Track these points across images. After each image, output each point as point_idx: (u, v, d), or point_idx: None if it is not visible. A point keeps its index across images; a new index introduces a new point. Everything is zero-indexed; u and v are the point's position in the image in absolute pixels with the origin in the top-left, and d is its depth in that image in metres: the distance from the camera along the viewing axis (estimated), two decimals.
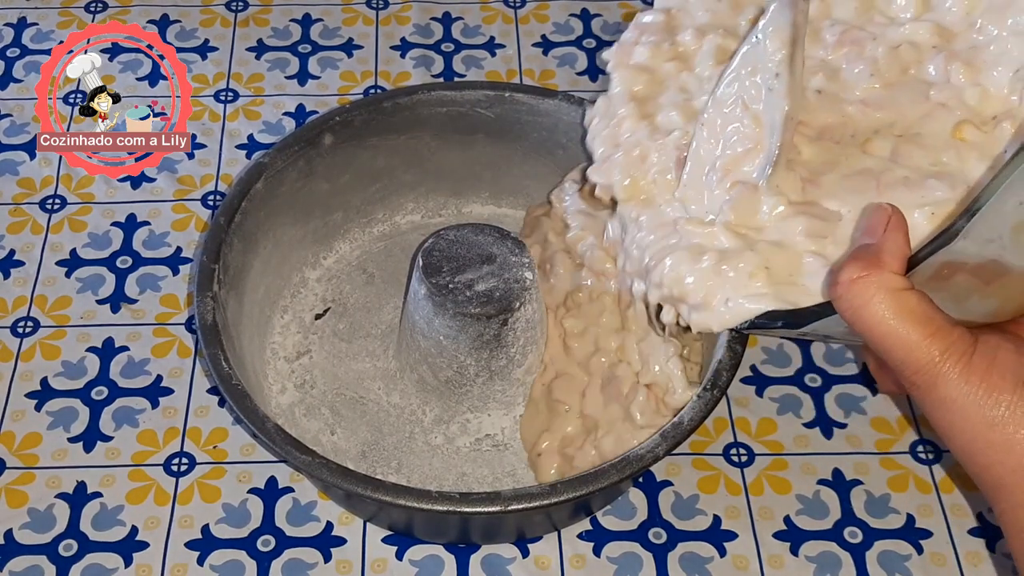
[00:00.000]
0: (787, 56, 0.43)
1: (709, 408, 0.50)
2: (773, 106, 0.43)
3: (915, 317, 0.37)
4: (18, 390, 0.59)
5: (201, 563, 0.53)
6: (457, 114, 0.62)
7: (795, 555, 0.54)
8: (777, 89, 0.43)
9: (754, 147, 0.45)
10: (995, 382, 0.36)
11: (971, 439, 0.37)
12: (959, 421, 0.37)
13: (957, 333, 0.37)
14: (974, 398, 0.36)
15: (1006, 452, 0.36)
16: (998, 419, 0.36)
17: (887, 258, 0.37)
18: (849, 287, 0.37)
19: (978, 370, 0.36)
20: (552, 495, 0.47)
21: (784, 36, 0.43)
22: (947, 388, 0.37)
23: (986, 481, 0.38)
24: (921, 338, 0.37)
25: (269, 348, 0.60)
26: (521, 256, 0.54)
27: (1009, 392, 0.36)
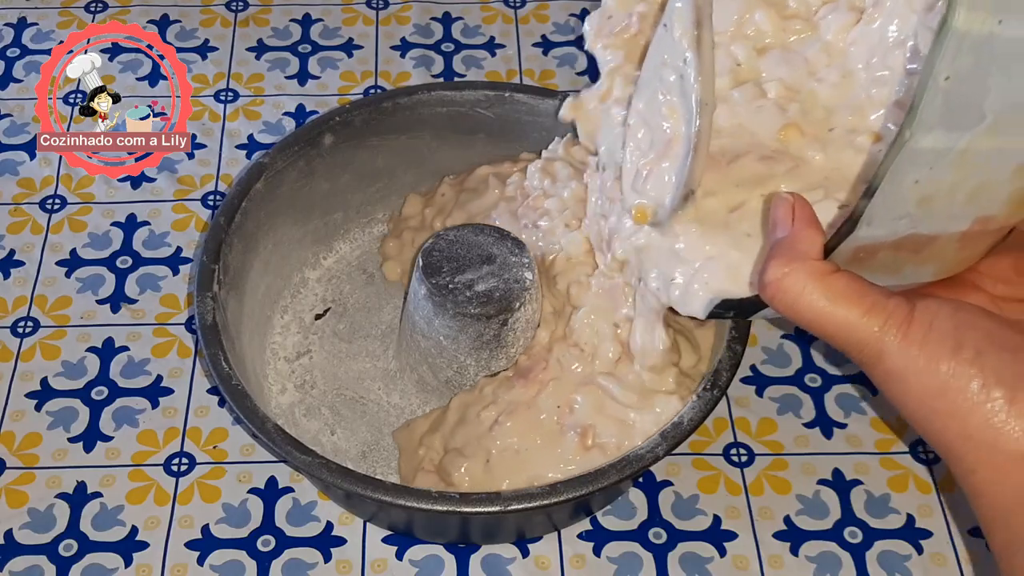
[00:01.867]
0: (694, 39, 0.42)
1: (709, 408, 0.50)
2: (686, 92, 0.43)
3: (848, 297, 0.37)
4: (18, 390, 0.59)
5: (201, 563, 0.53)
6: (457, 114, 0.62)
7: (795, 555, 0.54)
8: (688, 74, 0.42)
9: (676, 137, 0.45)
10: (934, 349, 0.36)
11: (917, 408, 0.37)
12: (904, 392, 0.37)
13: (893, 304, 0.37)
14: (915, 367, 0.36)
15: (950, 418, 0.36)
16: (939, 387, 0.36)
17: (804, 247, 0.37)
18: (777, 286, 0.37)
19: (916, 339, 0.36)
20: (552, 495, 0.47)
21: (688, 19, 0.42)
22: (890, 360, 0.37)
23: (939, 448, 0.38)
24: (858, 316, 0.37)
25: (269, 348, 0.60)
26: (521, 256, 0.54)
27: (947, 359, 0.36)
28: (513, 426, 0.52)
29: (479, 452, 0.52)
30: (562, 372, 0.53)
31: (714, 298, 0.43)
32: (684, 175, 0.43)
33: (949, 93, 0.32)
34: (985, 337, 0.36)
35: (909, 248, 0.38)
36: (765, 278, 0.38)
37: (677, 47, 0.43)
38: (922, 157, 0.34)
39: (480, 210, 0.60)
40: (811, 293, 0.37)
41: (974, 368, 0.36)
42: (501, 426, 0.52)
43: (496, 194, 0.60)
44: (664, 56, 0.44)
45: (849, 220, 0.36)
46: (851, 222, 0.36)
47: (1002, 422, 0.36)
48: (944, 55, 0.32)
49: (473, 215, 0.60)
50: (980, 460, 0.36)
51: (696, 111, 0.42)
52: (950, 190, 0.36)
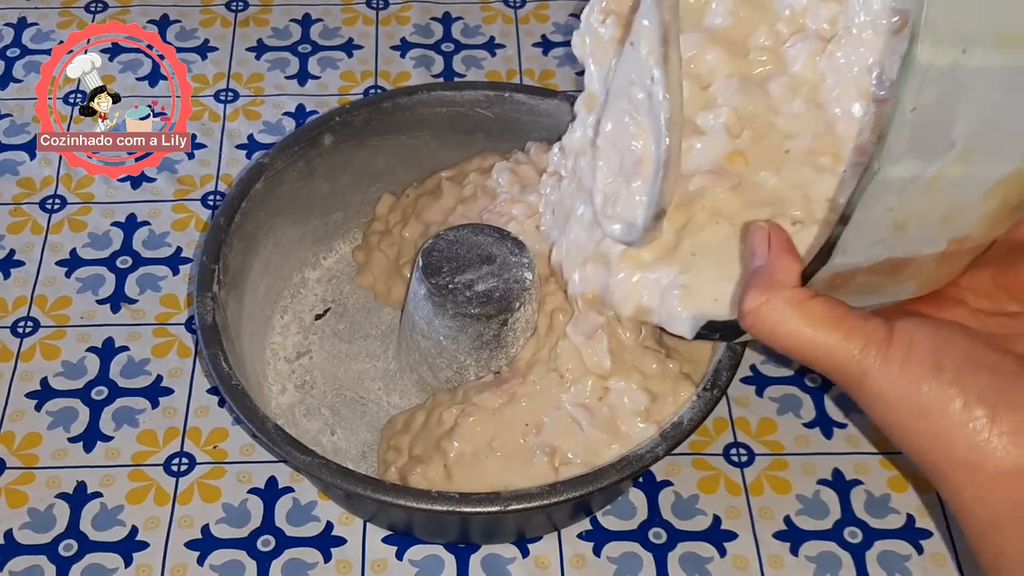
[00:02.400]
0: (661, 56, 0.42)
1: (709, 408, 0.50)
2: (654, 111, 0.43)
3: (827, 322, 0.37)
4: (18, 390, 0.59)
5: (201, 563, 0.53)
6: (457, 114, 0.62)
7: (795, 555, 0.54)
8: (656, 92, 0.42)
9: (645, 157, 0.44)
10: (914, 369, 0.36)
11: (902, 430, 0.37)
12: (887, 413, 0.37)
13: (872, 326, 0.37)
14: (896, 389, 0.36)
15: (934, 439, 0.36)
16: (922, 408, 0.36)
17: (780, 276, 0.38)
18: (756, 315, 0.38)
19: (896, 360, 0.36)
20: (552, 495, 0.47)
21: (655, 37, 0.42)
22: (871, 382, 0.37)
23: (925, 468, 0.38)
24: (838, 340, 0.37)
25: (269, 348, 0.60)
26: (521, 256, 0.54)
27: (928, 379, 0.36)
28: (469, 430, 0.52)
29: (436, 456, 0.52)
30: (537, 392, 0.52)
31: (696, 319, 0.44)
32: (655, 195, 0.43)
33: (916, 124, 0.32)
34: (964, 356, 0.36)
35: (886, 271, 0.38)
36: (743, 308, 0.38)
37: (644, 65, 0.43)
38: (892, 185, 0.34)
39: (435, 218, 0.60)
40: (789, 320, 0.37)
41: (954, 388, 0.36)
42: (459, 427, 0.52)
43: (452, 198, 0.60)
44: (631, 75, 0.44)
45: (824, 249, 0.36)
46: (826, 251, 0.36)
47: (985, 441, 0.35)
48: (909, 87, 0.32)
49: (429, 223, 0.60)
50: (966, 480, 0.36)
51: (665, 129, 0.42)
52: (923, 215, 0.36)
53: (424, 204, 0.61)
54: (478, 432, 0.52)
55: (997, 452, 0.35)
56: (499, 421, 0.52)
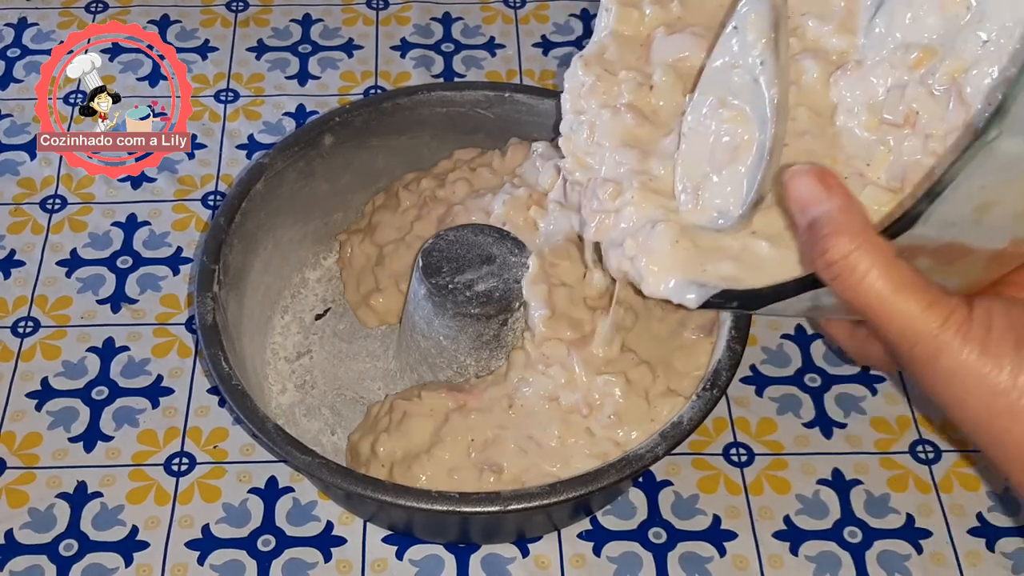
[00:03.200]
0: (771, 41, 0.41)
1: (709, 408, 0.50)
2: (760, 97, 0.42)
3: (912, 288, 0.35)
4: (18, 390, 0.59)
5: (201, 563, 0.53)
6: (457, 114, 0.62)
7: (795, 555, 0.54)
8: (763, 78, 0.42)
9: (743, 143, 0.44)
10: (995, 348, 0.35)
11: (977, 410, 0.36)
12: (962, 392, 0.36)
13: (955, 302, 0.36)
14: (975, 367, 0.35)
15: (1011, 420, 0.35)
16: (1001, 386, 0.35)
17: (861, 219, 0.35)
18: (845, 263, 0.35)
19: (977, 338, 0.36)
20: (552, 495, 0.47)
21: (765, 21, 0.41)
22: (949, 359, 0.36)
23: (996, 453, 0.37)
24: (920, 309, 0.35)
25: (269, 348, 0.60)
26: (521, 256, 0.54)
27: (1010, 357, 0.35)
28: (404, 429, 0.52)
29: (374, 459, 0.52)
30: (491, 414, 0.52)
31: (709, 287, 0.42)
32: (756, 181, 0.42)
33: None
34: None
35: (942, 257, 0.37)
36: (831, 255, 0.35)
37: (748, 50, 0.42)
38: (999, 160, 0.33)
39: (390, 236, 0.60)
40: (876, 279, 0.35)
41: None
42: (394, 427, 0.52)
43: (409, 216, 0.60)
44: (731, 59, 0.43)
45: (908, 215, 0.34)
46: (910, 217, 0.34)
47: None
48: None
49: (383, 243, 0.60)
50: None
51: (772, 116, 0.41)
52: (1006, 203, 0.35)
53: (380, 219, 0.62)
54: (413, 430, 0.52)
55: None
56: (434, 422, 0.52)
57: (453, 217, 0.58)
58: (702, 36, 0.50)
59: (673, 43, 0.50)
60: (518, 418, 0.52)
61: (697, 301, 0.43)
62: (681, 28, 0.51)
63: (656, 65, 0.50)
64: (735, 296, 0.42)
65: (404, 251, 0.59)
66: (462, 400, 0.53)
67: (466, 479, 0.51)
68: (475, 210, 0.58)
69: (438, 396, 0.53)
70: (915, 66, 0.42)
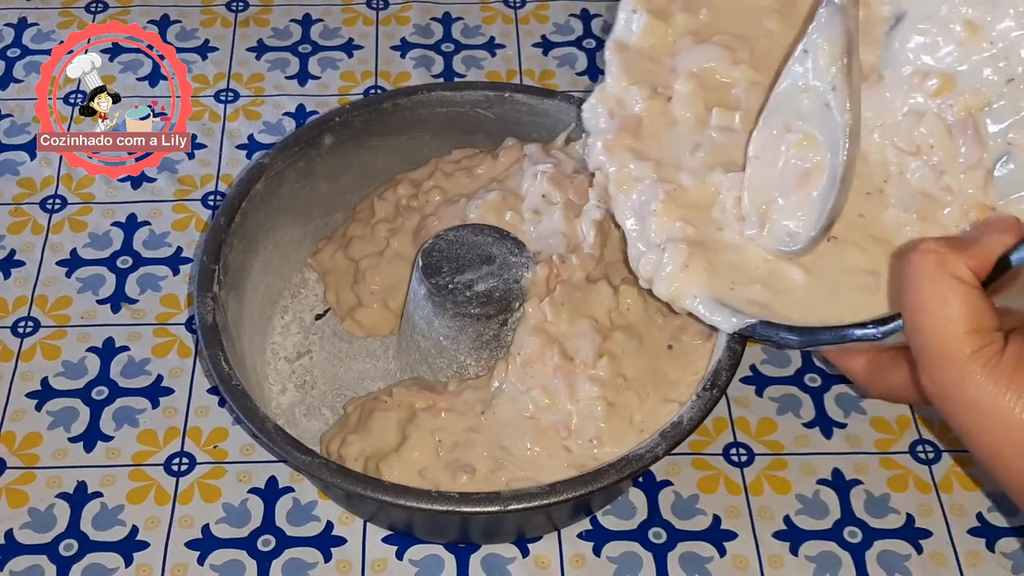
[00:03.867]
0: (844, 67, 0.42)
1: (709, 408, 0.50)
2: (831, 122, 0.42)
3: (964, 312, 0.36)
4: (18, 390, 0.59)
5: (201, 563, 0.53)
6: (457, 114, 0.62)
7: (795, 555, 0.54)
8: (835, 104, 0.42)
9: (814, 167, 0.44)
10: (1021, 385, 0.36)
11: (999, 443, 0.36)
12: (985, 423, 0.36)
13: (994, 336, 0.36)
14: (1001, 400, 0.36)
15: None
16: (1022, 423, 0.35)
17: (972, 250, 0.37)
18: (922, 256, 0.37)
19: (1005, 372, 0.36)
20: (552, 495, 0.47)
21: (838, 47, 0.42)
22: (974, 389, 0.36)
23: (1017, 487, 0.37)
24: (961, 333, 0.36)
25: (269, 348, 0.60)
26: (521, 256, 0.54)
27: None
28: (370, 427, 0.53)
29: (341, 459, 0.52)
30: (463, 417, 0.53)
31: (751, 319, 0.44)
32: (828, 205, 0.43)
33: None
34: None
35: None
36: (924, 244, 0.37)
37: (820, 75, 0.42)
38: None
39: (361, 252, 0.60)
40: (939, 283, 0.36)
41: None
42: (360, 425, 0.53)
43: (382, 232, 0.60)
44: (801, 82, 0.44)
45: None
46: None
47: None
48: None
49: (358, 256, 0.60)
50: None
51: (844, 140, 0.42)
52: None
53: (354, 232, 0.61)
54: (376, 428, 0.52)
55: None
56: (408, 423, 0.52)
57: (427, 229, 0.58)
58: (729, 48, 0.50)
59: (700, 53, 0.51)
60: (491, 426, 0.52)
61: (731, 327, 0.44)
62: (709, 36, 0.51)
63: (680, 74, 0.50)
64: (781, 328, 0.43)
65: (385, 266, 0.59)
66: (432, 399, 0.53)
67: (438, 480, 0.51)
68: (448, 219, 0.58)
69: (408, 393, 0.53)
70: (934, 95, 0.42)
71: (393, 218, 0.61)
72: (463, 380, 0.55)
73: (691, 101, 0.50)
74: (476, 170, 0.61)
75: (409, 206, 0.60)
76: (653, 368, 0.53)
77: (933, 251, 0.37)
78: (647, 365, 0.53)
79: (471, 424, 0.52)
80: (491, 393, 0.52)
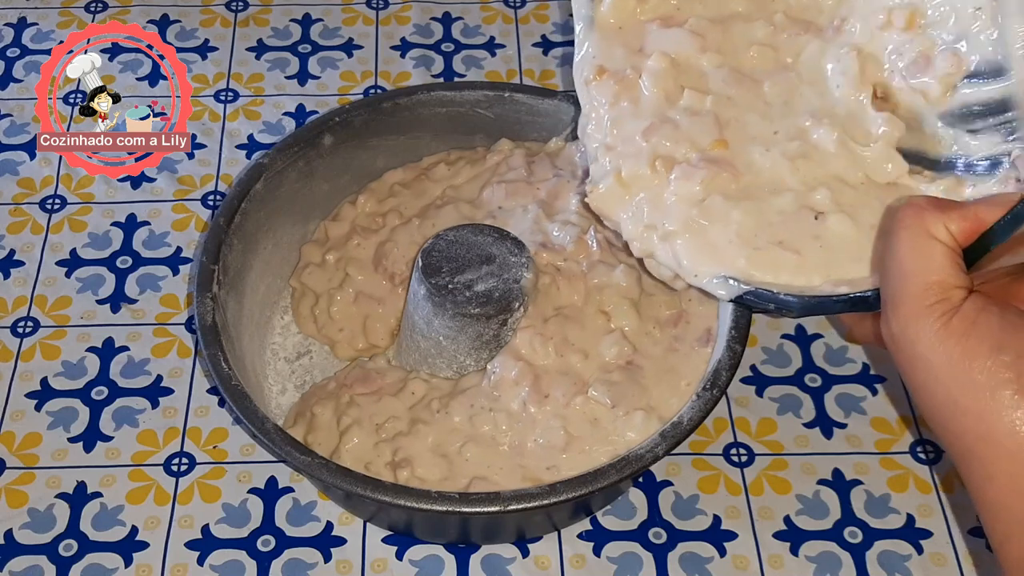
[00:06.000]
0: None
1: (709, 408, 0.50)
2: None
3: (929, 266, 0.37)
4: (18, 390, 0.59)
5: (201, 563, 0.53)
6: (457, 114, 0.62)
7: (795, 555, 0.54)
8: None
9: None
10: (972, 346, 0.36)
11: (943, 403, 0.37)
12: (932, 382, 0.37)
13: (953, 292, 0.37)
14: (948, 359, 0.36)
15: (977, 419, 0.36)
16: (971, 384, 0.36)
17: (956, 212, 0.37)
18: (906, 209, 0.38)
19: (956, 332, 0.36)
20: (552, 495, 0.47)
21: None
22: (923, 345, 0.36)
23: (957, 449, 0.37)
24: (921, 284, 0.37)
25: (269, 349, 0.60)
26: (520, 256, 0.54)
27: (984, 357, 0.35)
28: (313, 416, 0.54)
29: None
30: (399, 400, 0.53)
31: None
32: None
33: None
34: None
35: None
36: (914, 199, 0.39)
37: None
38: None
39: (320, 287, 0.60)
40: (914, 232, 0.38)
41: (1011, 372, 0.35)
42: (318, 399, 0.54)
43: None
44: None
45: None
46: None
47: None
48: None
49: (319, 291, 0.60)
50: (1001, 469, 0.35)
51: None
52: None
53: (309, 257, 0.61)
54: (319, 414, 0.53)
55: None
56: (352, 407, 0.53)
57: (387, 255, 0.58)
58: (699, 35, 0.50)
59: (669, 36, 0.51)
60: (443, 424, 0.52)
61: (728, 295, 0.45)
62: (681, 21, 0.51)
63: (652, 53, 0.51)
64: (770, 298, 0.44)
65: (347, 305, 0.59)
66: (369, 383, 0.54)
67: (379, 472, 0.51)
68: (404, 243, 0.58)
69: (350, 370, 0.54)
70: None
71: (341, 247, 0.60)
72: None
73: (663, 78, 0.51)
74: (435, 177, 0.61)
75: (369, 227, 0.60)
76: (638, 391, 0.52)
77: (916, 205, 0.38)
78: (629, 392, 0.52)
79: (422, 417, 0.52)
80: (455, 398, 0.53)
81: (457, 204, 0.59)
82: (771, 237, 0.46)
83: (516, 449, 0.51)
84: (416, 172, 0.62)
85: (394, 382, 0.54)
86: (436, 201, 0.60)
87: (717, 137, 0.48)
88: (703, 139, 0.48)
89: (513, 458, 0.51)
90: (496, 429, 0.51)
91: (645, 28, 0.52)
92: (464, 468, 0.51)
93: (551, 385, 0.52)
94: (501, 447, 0.51)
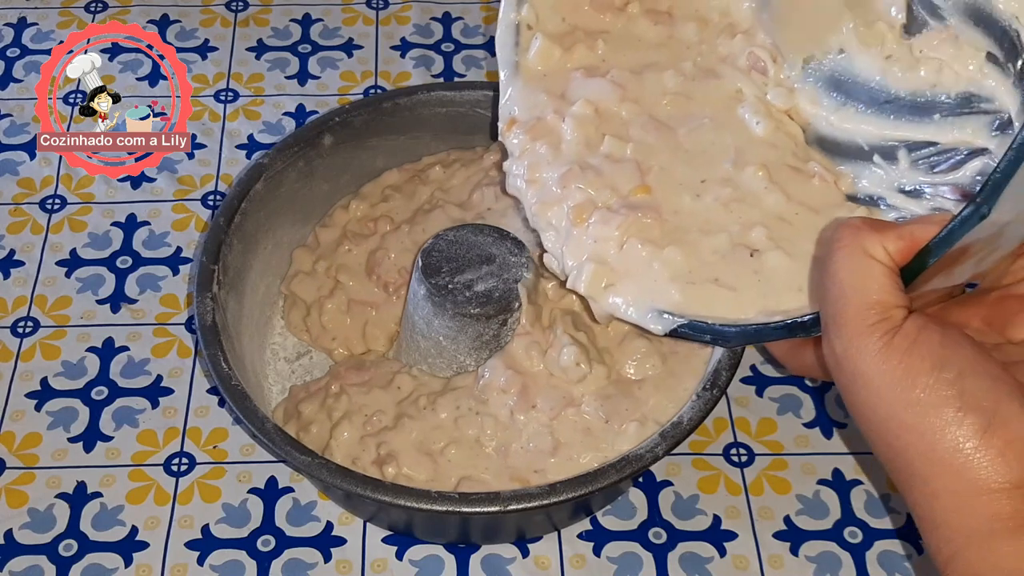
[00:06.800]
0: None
1: (709, 408, 0.50)
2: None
3: (868, 286, 0.37)
4: (18, 390, 0.59)
5: (201, 563, 0.53)
6: (457, 114, 0.62)
7: (795, 555, 0.54)
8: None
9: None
10: (913, 363, 0.36)
11: (885, 419, 0.36)
12: (874, 400, 0.37)
13: (893, 312, 0.37)
14: (891, 378, 0.36)
15: (918, 436, 0.36)
16: (913, 401, 0.35)
17: (893, 232, 0.37)
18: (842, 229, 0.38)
19: (898, 350, 0.36)
20: (552, 495, 0.47)
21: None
22: (865, 363, 0.36)
23: (897, 467, 0.37)
24: (861, 305, 0.37)
25: (269, 349, 0.60)
26: (520, 256, 0.54)
27: (926, 374, 0.35)
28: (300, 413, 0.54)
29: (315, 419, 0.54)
30: (387, 392, 0.53)
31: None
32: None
33: None
34: (969, 360, 0.36)
35: (981, 248, 0.38)
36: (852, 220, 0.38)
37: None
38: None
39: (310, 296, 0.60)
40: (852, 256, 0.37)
41: (953, 389, 0.35)
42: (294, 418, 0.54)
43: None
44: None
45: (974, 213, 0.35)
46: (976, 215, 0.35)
47: (973, 449, 0.35)
48: None
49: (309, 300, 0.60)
50: (944, 486, 0.35)
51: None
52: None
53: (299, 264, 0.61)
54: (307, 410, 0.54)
55: (983, 464, 0.35)
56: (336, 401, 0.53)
57: (380, 263, 0.58)
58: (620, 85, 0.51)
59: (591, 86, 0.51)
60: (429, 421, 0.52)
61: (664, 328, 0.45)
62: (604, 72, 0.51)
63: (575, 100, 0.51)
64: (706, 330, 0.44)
65: (340, 314, 0.58)
66: (367, 377, 0.54)
67: (366, 468, 0.51)
68: (396, 249, 0.58)
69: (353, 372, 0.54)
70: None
71: (330, 253, 0.60)
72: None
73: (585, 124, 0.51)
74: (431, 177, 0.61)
75: (361, 232, 0.60)
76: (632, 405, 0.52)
77: (852, 226, 0.38)
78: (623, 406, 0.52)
79: (408, 412, 0.52)
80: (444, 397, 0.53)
81: (446, 207, 0.59)
82: (706, 275, 0.46)
83: (501, 452, 0.51)
84: (410, 174, 0.62)
85: (385, 373, 0.54)
86: (424, 205, 0.60)
87: (639, 183, 0.48)
88: (624, 185, 0.48)
89: (499, 460, 0.51)
90: (481, 432, 0.51)
91: (569, 76, 0.52)
92: (447, 468, 0.51)
93: (538, 395, 0.51)
94: (486, 449, 0.51)
